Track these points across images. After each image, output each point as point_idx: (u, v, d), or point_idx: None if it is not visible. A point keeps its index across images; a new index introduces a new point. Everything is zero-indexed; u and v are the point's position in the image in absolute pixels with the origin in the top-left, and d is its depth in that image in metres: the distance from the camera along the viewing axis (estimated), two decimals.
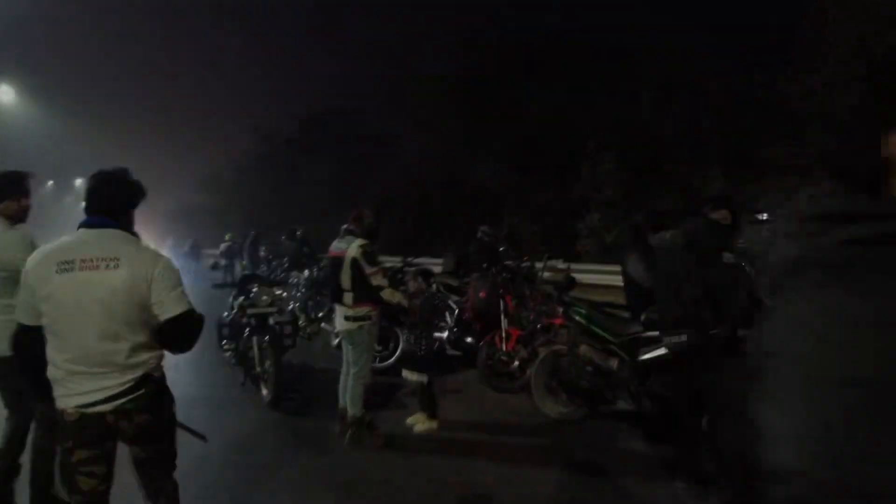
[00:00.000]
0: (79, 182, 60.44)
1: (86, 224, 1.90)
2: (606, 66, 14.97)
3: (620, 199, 12.89)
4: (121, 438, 1.92)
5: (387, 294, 3.70)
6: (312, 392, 5.00)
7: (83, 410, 1.82)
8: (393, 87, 25.43)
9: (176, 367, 5.87)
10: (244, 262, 15.43)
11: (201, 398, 4.73)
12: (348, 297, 3.74)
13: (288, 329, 5.22)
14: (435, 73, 18.56)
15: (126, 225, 1.97)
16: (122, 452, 1.97)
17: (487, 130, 16.68)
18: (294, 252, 12.35)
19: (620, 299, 4.43)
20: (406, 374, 3.89)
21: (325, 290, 9.87)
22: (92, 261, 1.82)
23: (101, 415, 1.84)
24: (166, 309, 1.89)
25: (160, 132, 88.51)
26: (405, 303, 3.83)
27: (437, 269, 10.38)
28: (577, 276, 10.08)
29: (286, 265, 12.45)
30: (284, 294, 5.90)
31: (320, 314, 7.79)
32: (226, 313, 5.39)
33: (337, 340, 6.91)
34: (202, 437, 2.33)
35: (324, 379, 5.34)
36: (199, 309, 1.98)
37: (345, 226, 4.01)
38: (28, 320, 1.86)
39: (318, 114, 28.11)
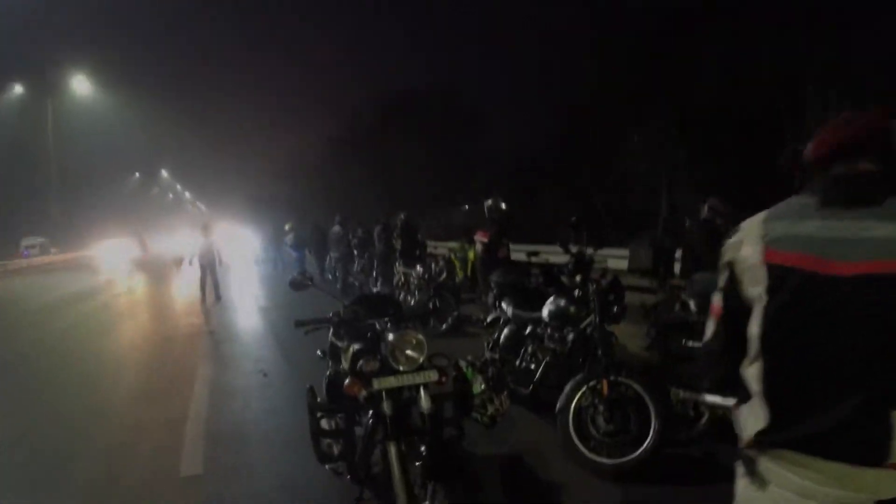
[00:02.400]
0: (164, 174, 62.64)
1: None
2: None
3: None
4: None
5: None
6: None
7: None
8: (502, 49, 21.92)
9: (238, 452, 3.32)
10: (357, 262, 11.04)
11: None
12: None
13: (450, 409, 2.42)
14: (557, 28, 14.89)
15: None
16: None
17: (643, 90, 13.07)
18: (385, 243, 9.56)
19: None
20: None
21: (448, 294, 7.09)
22: None
23: None
24: None
25: (242, 120, 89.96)
26: None
27: (604, 264, 7.24)
28: None
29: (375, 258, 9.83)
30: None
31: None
32: (329, 371, 2.70)
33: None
34: None
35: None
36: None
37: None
38: None
39: (408, 92, 24.53)
